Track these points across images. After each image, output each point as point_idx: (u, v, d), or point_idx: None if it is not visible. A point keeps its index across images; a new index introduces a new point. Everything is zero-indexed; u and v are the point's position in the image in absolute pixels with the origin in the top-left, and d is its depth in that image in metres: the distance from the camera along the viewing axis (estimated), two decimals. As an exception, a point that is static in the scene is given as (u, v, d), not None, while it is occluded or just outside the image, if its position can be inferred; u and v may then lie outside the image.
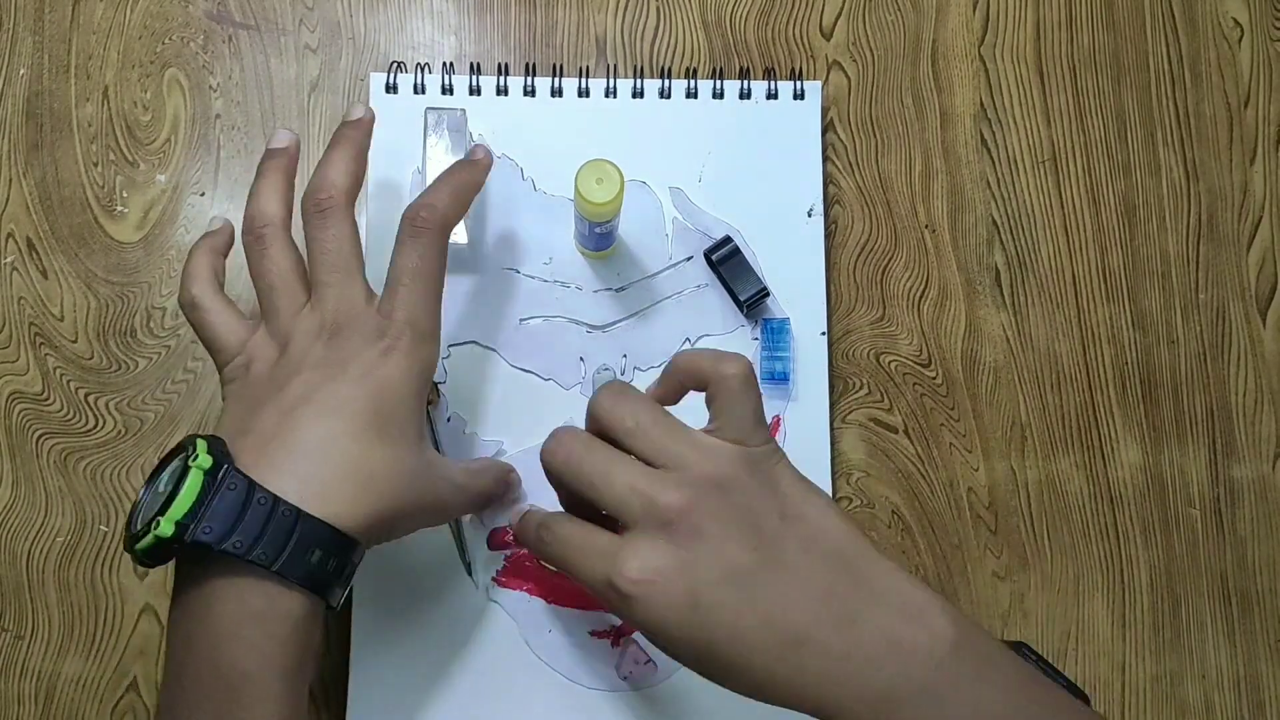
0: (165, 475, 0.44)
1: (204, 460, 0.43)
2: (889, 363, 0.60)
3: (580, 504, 0.47)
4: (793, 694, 0.42)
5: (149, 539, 0.42)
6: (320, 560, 0.44)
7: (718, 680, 0.43)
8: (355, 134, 0.52)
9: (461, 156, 0.55)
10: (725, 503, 0.43)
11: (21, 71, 0.60)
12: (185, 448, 0.44)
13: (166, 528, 0.42)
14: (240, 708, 0.43)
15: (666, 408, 0.47)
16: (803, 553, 0.43)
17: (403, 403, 0.47)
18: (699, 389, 0.47)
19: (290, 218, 0.51)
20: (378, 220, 0.59)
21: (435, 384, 0.57)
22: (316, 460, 0.44)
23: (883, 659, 0.41)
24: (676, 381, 0.48)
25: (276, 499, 0.43)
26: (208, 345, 0.50)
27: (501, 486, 0.54)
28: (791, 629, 0.42)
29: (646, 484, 0.43)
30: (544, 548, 0.47)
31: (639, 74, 0.62)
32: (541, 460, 0.47)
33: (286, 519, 0.43)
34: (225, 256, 0.52)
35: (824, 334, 0.59)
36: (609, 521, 0.45)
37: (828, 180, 0.61)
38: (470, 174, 0.53)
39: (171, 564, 0.53)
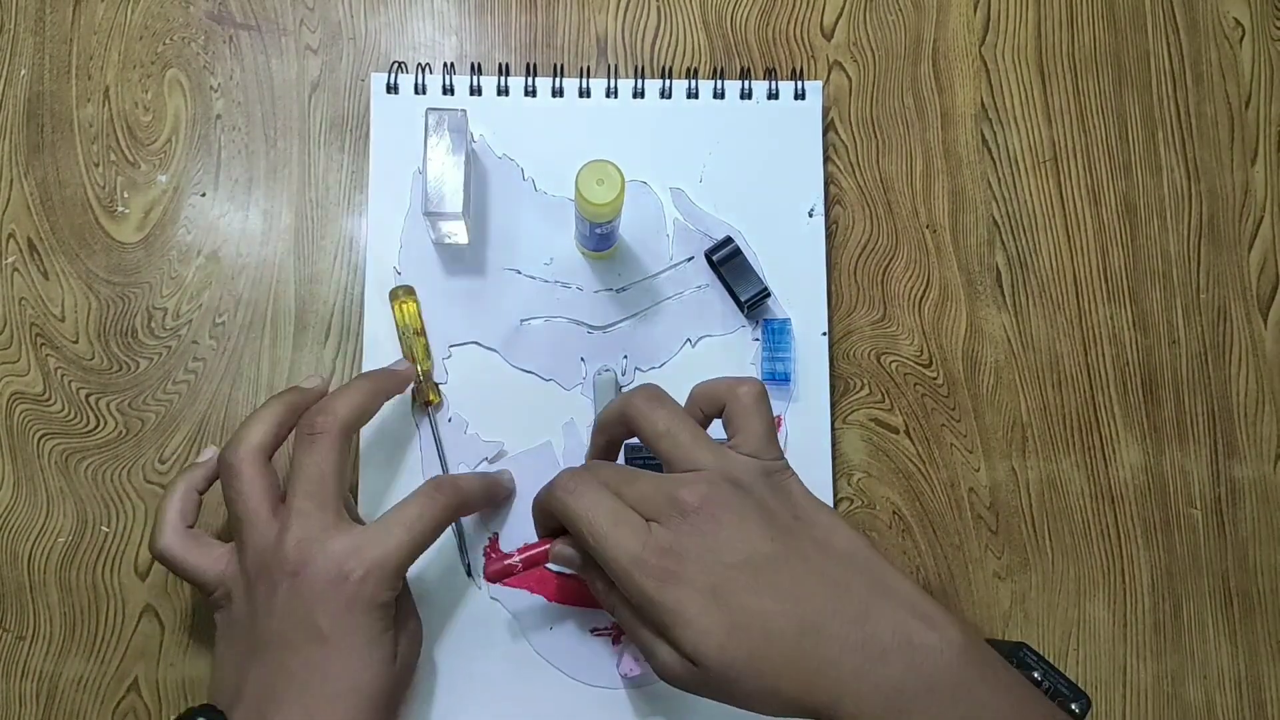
0: None
1: None
2: (890, 363, 0.60)
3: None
4: (809, 688, 0.43)
5: None
6: None
7: (736, 679, 0.43)
8: (382, 378, 0.54)
9: (462, 157, 0.55)
10: (742, 498, 0.46)
11: (22, 72, 0.60)
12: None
13: None
14: None
15: None
16: (817, 550, 0.45)
17: (372, 651, 0.48)
18: (717, 412, 0.50)
19: (276, 447, 0.51)
20: (377, 221, 0.59)
21: (436, 384, 0.57)
22: None
23: (896, 654, 0.43)
24: (696, 409, 0.50)
25: None
26: (190, 583, 0.51)
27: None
28: (810, 617, 0.43)
29: (669, 484, 0.46)
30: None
31: (640, 74, 0.62)
32: (554, 503, 0.47)
33: None
34: (204, 492, 0.53)
35: (825, 334, 0.59)
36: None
37: (829, 180, 0.61)
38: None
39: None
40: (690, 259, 0.59)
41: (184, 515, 0.52)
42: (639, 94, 0.61)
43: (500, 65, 0.61)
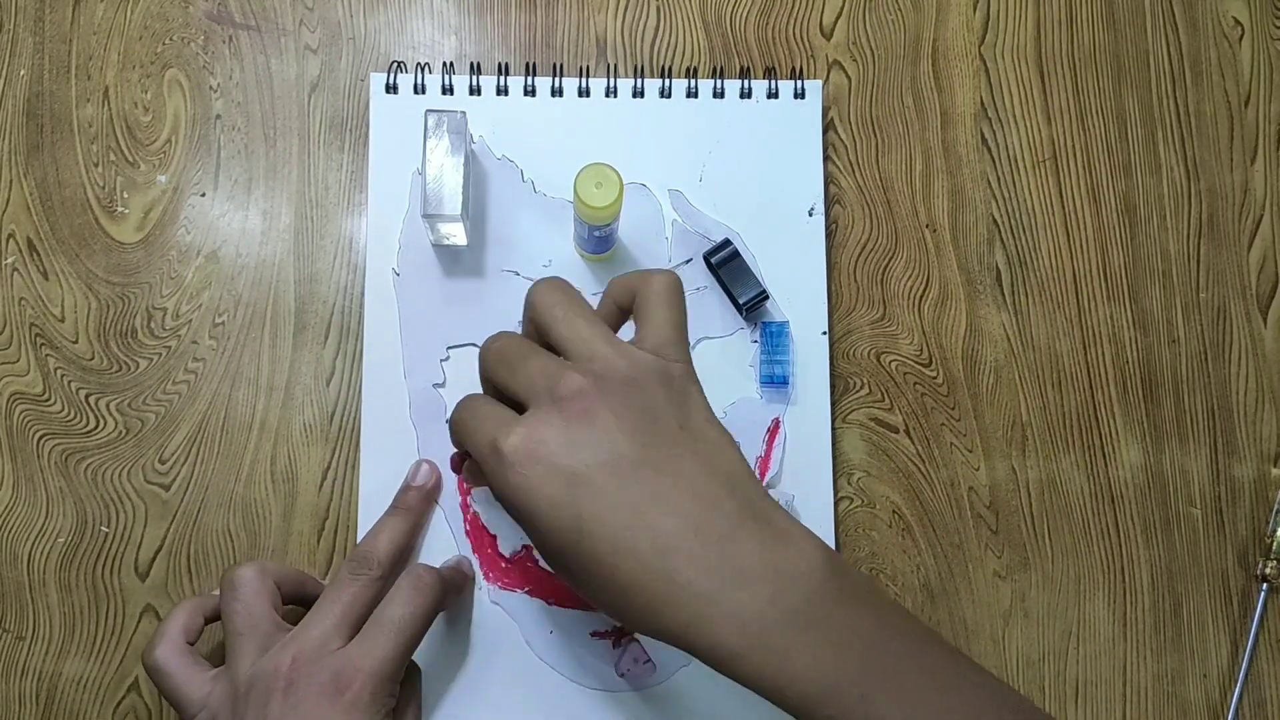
0: None
1: None
2: (890, 362, 0.60)
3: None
4: (657, 610, 0.41)
5: None
6: None
7: (586, 587, 0.42)
8: (417, 503, 0.56)
9: (461, 158, 0.55)
10: (625, 398, 0.42)
11: (22, 73, 0.60)
12: None
13: None
14: None
15: None
16: (695, 465, 0.43)
17: None
18: (630, 303, 0.47)
19: (276, 581, 0.52)
20: (377, 221, 0.59)
21: (435, 386, 0.57)
22: None
23: (756, 578, 0.41)
24: (611, 301, 0.48)
25: None
26: (171, 704, 0.50)
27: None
28: (663, 535, 0.41)
29: (554, 368, 0.43)
30: (453, 419, 0.46)
31: (639, 74, 0.61)
32: (479, 359, 0.47)
33: None
34: (210, 621, 0.53)
35: (825, 334, 0.59)
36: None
37: (828, 180, 0.61)
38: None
39: (171, 569, 0.54)
40: (689, 261, 0.59)
41: (186, 631, 0.51)
42: (639, 94, 0.61)
43: (499, 65, 0.61)
